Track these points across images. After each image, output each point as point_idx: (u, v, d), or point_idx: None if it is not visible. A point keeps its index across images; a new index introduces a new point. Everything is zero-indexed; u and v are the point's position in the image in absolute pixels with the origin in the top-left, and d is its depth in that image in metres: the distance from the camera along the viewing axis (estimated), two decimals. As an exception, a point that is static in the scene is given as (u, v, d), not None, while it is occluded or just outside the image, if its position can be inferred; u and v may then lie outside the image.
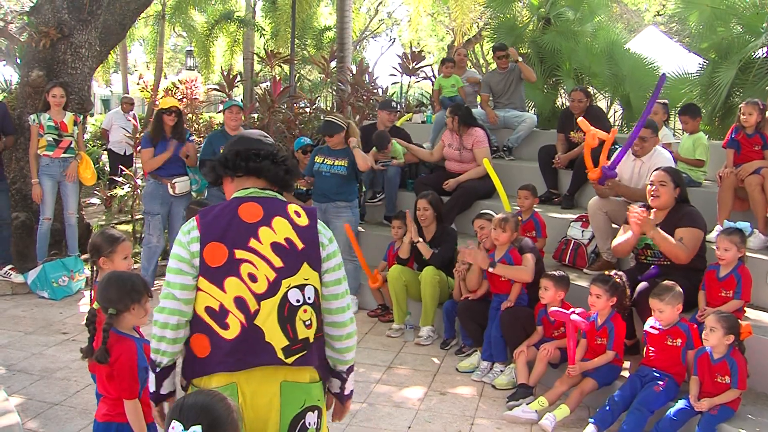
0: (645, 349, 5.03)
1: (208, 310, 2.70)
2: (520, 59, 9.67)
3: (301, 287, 2.72)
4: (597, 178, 6.48)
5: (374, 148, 8.46)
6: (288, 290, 2.70)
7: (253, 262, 2.69)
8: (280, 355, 2.68)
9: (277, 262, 2.70)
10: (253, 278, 2.68)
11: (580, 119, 7.02)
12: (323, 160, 7.53)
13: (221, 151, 8.07)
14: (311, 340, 2.75)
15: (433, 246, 6.89)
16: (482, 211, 6.57)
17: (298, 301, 2.71)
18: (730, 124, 7.02)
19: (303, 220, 2.80)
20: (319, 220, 2.87)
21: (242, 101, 11.04)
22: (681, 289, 4.86)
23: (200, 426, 2.19)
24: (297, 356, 2.71)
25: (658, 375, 4.81)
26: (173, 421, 2.23)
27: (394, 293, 6.90)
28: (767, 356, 5.01)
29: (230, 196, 2.88)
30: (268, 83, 12.62)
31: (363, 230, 8.41)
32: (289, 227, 2.75)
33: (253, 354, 2.67)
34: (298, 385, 2.72)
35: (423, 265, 6.88)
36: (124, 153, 12.70)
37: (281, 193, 2.90)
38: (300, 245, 2.74)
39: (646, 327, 5.01)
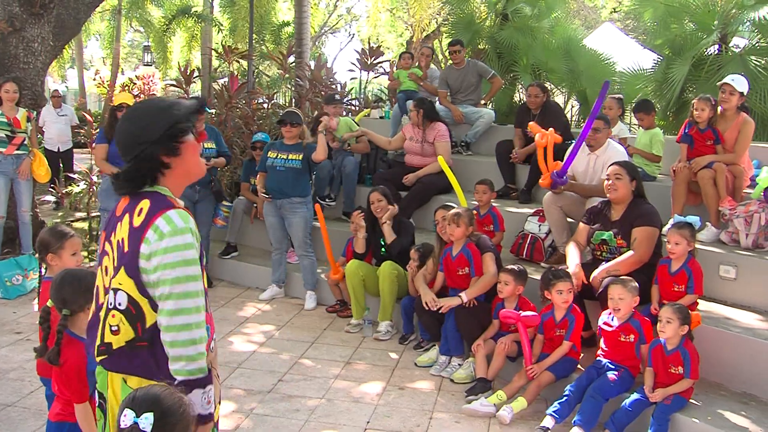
0: (599, 342, 5.10)
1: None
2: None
3: (115, 291, 2.57)
4: (548, 185, 6.55)
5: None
6: (109, 291, 2.61)
7: (110, 255, 2.65)
8: (95, 351, 2.63)
9: (116, 261, 2.61)
10: (106, 271, 2.65)
11: (531, 123, 7.06)
12: (277, 155, 7.52)
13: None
14: (115, 347, 2.58)
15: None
16: (445, 203, 6.60)
17: (111, 304, 2.59)
18: (683, 119, 7.14)
19: (138, 220, 2.56)
20: (164, 216, 2.56)
21: (201, 97, 10.96)
22: (637, 284, 4.95)
23: (152, 413, 2.21)
24: (101, 357, 2.62)
25: (613, 366, 4.89)
26: (126, 409, 2.24)
27: (351, 288, 6.89)
28: (719, 347, 5.11)
29: None
30: (226, 79, 12.55)
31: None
32: (127, 228, 2.59)
33: (92, 343, 2.66)
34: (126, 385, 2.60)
35: (381, 260, 6.89)
36: (58, 150, 12.51)
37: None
38: (126, 248, 2.58)
39: (600, 323, 5.07)
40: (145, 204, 2.58)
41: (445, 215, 6.17)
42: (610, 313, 4.98)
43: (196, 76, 15.02)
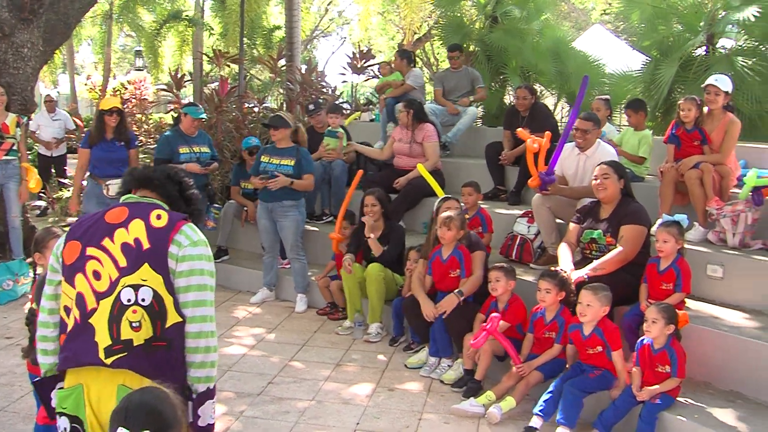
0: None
1: (66, 309, 2.73)
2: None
3: (136, 287, 2.62)
4: (537, 185, 6.57)
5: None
6: (122, 289, 2.62)
7: (101, 260, 2.65)
8: (101, 354, 2.60)
9: (122, 262, 2.64)
10: (97, 276, 2.65)
11: (519, 130, 7.15)
12: (269, 160, 7.53)
13: (179, 150, 8.02)
14: (136, 344, 2.60)
15: (382, 243, 6.92)
16: (448, 196, 6.64)
17: (129, 300, 2.61)
18: (672, 119, 7.17)
19: (160, 222, 2.70)
20: (188, 225, 2.76)
21: (194, 102, 10.92)
22: (611, 295, 4.96)
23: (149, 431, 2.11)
24: (115, 357, 2.60)
25: (594, 367, 4.95)
26: (119, 428, 2.13)
27: (348, 290, 6.91)
28: (707, 345, 5.14)
29: None
30: (217, 83, 12.58)
31: (313, 228, 8.42)
32: (143, 228, 2.67)
33: (80, 351, 2.64)
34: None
35: (371, 261, 6.91)
36: (51, 155, 12.47)
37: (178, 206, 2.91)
38: (146, 245, 2.65)
39: (572, 330, 5.10)
40: (161, 212, 2.74)
41: (450, 205, 6.22)
42: (581, 312, 5.00)
43: (187, 81, 15.05)
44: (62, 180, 11.93)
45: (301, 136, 7.71)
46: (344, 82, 15.15)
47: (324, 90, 12.47)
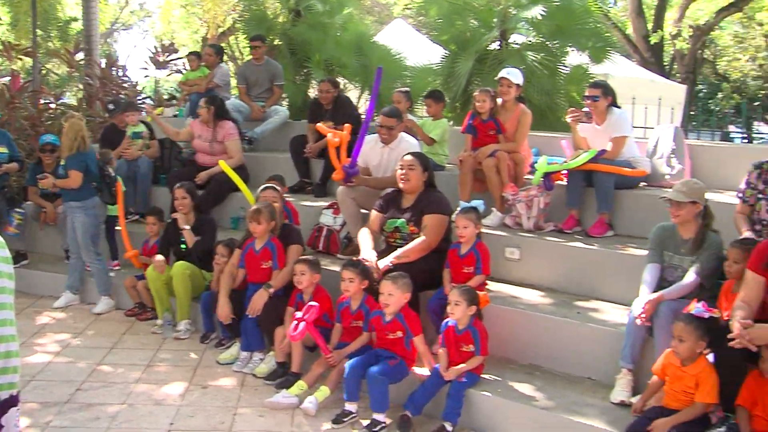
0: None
1: None
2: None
3: None
4: (341, 178, 6.69)
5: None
6: None
7: None
8: None
9: None
10: None
11: (318, 125, 7.31)
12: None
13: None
14: None
15: (194, 234, 6.85)
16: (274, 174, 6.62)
17: None
18: (469, 110, 7.47)
19: None
20: None
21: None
22: (410, 281, 5.13)
23: None
24: None
25: (391, 355, 5.10)
26: None
27: (155, 290, 6.79)
28: (505, 324, 5.44)
29: None
30: (9, 78, 11.90)
31: (118, 228, 8.16)
32: None
33: None
34: None
35: (181, 256, 6.84)
36: None
37: None
38: None
39: (372, 315, 5.25)
40: None
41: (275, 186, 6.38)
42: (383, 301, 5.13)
43: (-25, 74, 14.11)
44: None
45: (70, 128, 7.34)
46: (147, 76, 14.74)
47: (124, 85, 12.07)
